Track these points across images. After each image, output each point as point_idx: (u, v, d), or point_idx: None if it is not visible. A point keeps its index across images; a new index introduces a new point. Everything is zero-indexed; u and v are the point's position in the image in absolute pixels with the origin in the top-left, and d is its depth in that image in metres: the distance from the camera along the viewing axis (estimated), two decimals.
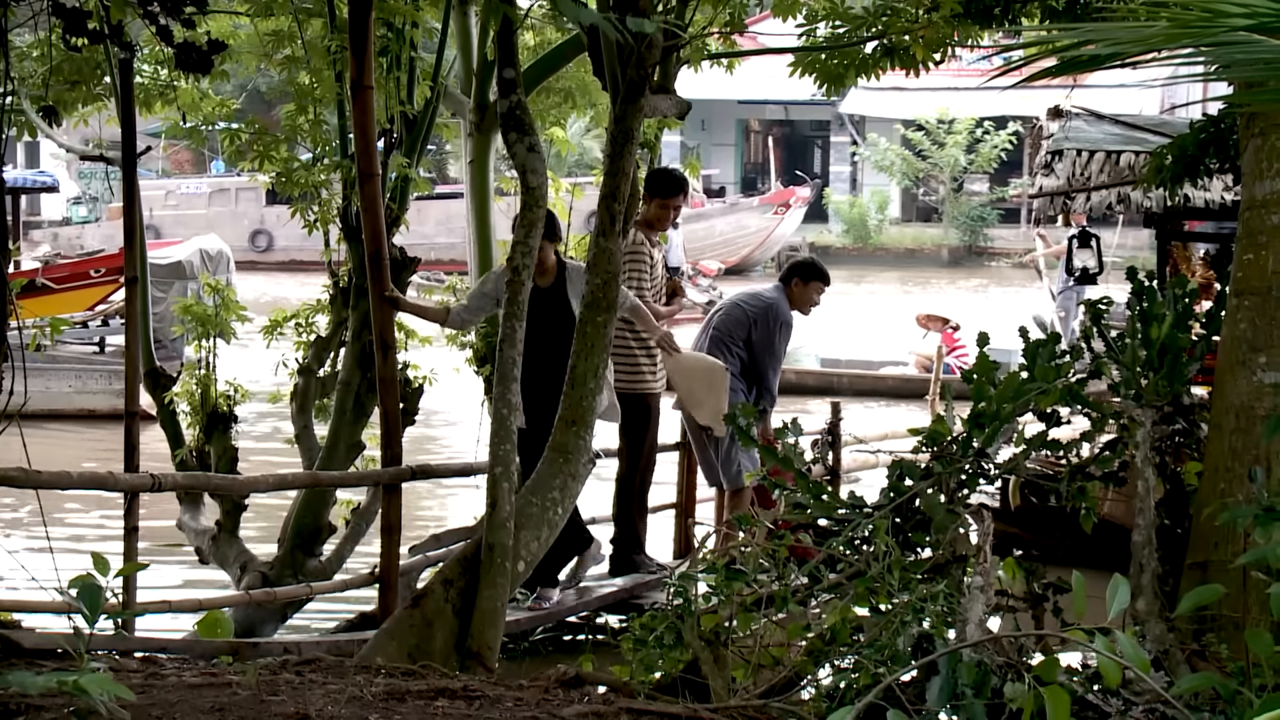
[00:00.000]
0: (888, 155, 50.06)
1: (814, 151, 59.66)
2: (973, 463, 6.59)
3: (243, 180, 46.80)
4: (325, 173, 9.65)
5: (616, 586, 10.07)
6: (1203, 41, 3.53)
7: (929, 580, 6.25)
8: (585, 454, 7.43)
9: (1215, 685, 4.44)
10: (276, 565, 9.46)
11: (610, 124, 7.67)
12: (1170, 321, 6.39)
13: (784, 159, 53.07)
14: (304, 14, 9.85)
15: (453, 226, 41.55)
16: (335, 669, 6.39)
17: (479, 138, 10.68)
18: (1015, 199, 50.56)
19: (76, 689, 3.56)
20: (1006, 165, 49.79)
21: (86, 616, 4.43)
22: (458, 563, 7.18)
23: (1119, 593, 3.89)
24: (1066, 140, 10.97)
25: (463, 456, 11.83)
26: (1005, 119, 48.02)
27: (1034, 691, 5.18)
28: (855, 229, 50.55)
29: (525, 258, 7.35)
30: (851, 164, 54.88)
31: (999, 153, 48.27)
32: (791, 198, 45.94)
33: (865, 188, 53.60)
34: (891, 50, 9.13)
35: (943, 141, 48.59)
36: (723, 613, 6.39)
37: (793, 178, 49.72)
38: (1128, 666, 3.74)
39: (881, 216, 51.20)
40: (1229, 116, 7.43)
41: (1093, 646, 3.82)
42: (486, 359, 10.47)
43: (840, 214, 51.41)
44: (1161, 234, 11.60)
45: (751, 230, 44.57)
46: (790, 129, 59.19)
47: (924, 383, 21.93)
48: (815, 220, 50.41)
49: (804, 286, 10.92)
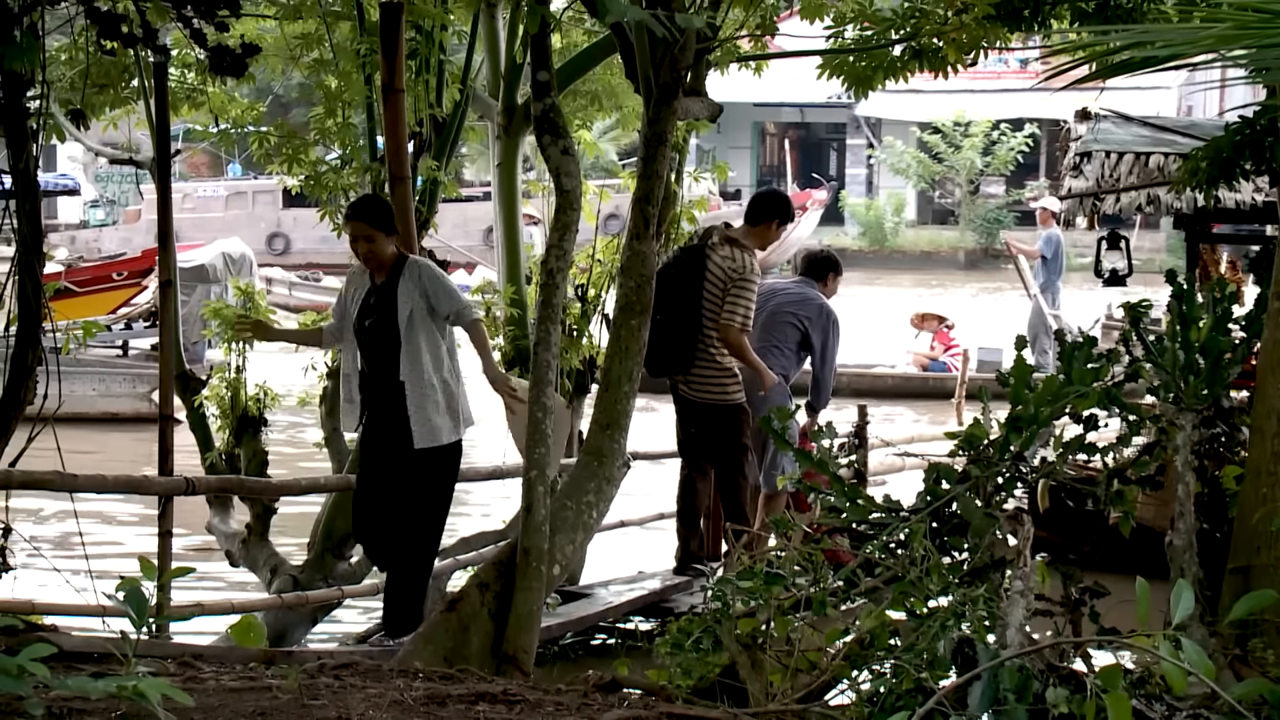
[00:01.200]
0: (904, 158, 50.00)
1: (830, 154, 59.65)
2: (1010, 466, 6.56)
3: (260, 183, 46.90)
4: (355, 175, 9.65)
5: (646, 590, 10.06)
6: (1262, 43, 3.51)
7: (967, 585, 6.23)
8: (619, 457, 7.43)
9: (1266, 692, 4.41)
10: (307, 569, 9.47)
11: (643, 126, 7.67)
12: (1210, 324, 6.36)
13: (800, 162, 53.02)
14: (332, 17, 9.86)
15: (469, 230, 41.63)
16: (374, 673, 6.39)
17: (507, 141, 10.68)
18: (1031, 201, 50.54)
19: (136, 694, 3.57)
20: (1023, 168, 49.74)
21: (134, 620, 4.43)
22: (493, 566, 7.19)
23: (1183, 598, 3.87)
24: (1095, 142, 10.95)
25: (488, 459, 11.81)
26: (1022, 121, 48.00)
27: (1079, 697, 5.20)
28: (871, 232, 50.52)
29: (559, 261, 7.34)
30: (867, 166, 54.88)
31: (1015, 155, 48.21)
32: (808, 200, 45.84)
33: (881, 190, 53.57)
34: (920, 52, 9.11)
35: (959, 144, 48.54)
36: (760, 617, 6.38)
37: (809, 180, 49.66)
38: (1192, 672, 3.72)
39: (898, 219, 51.16)
40: (1265, 118, 7.39)
41: (1158, 653, 3.80)
42: (514, 362, 10.47)
43: (856, 216, 51.38)
44: (1191, 236, 11.57)
45: None
46: (806, 132, 59.18)
47: (923, 382, 21.92)
48: (831, 223, 50.35)
49: (836, 280, 11.18)
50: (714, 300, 10.01)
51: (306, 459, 13.94)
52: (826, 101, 51.73)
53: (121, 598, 4.45)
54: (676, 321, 9.93)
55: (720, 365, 10.08)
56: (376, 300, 8.48)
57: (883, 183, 53.79)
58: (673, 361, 10.07)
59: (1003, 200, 50.12)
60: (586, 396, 10.57)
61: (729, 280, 9.98)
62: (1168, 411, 6.34)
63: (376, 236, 8.36)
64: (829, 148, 59.73)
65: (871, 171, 54.92)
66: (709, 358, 10.07)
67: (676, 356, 10.04)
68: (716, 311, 9.98)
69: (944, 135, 48.52)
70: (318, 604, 9.15)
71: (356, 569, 9.60)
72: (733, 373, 10.12)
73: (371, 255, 8.43)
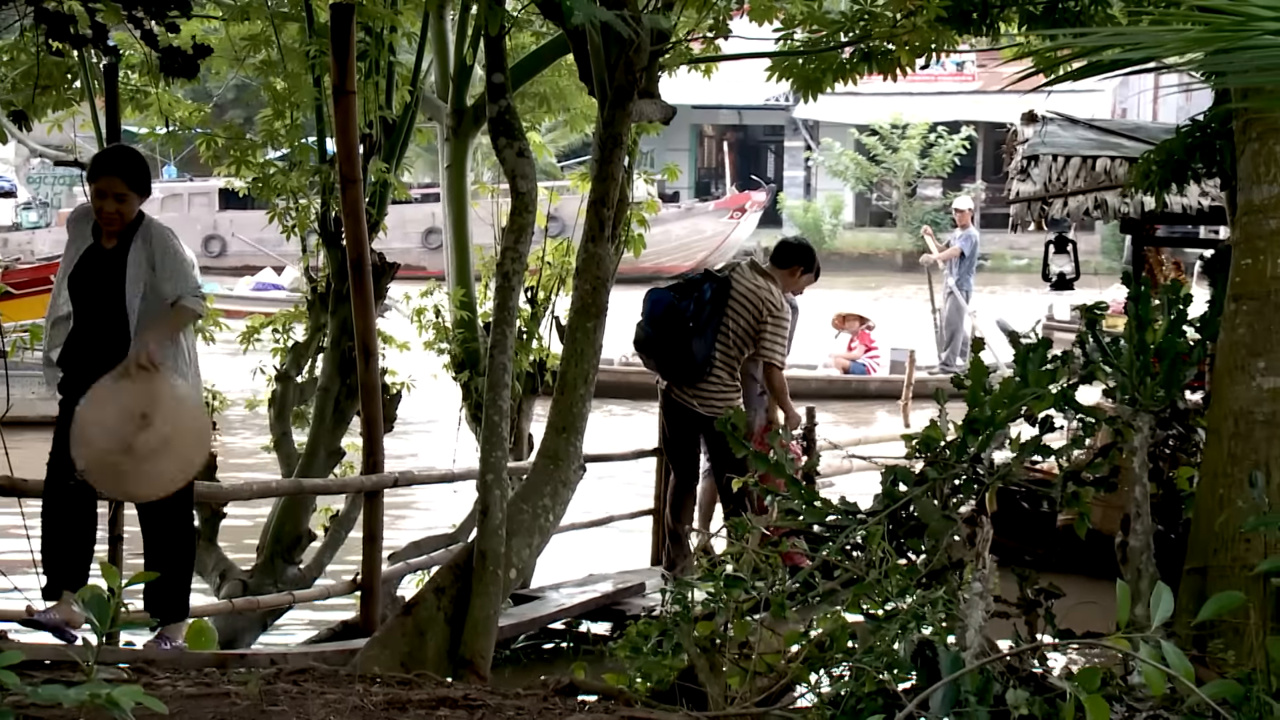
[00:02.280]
0: (841, 160, 50.18)
1: (768, 156, 59.79)
2: (967, 469, 6.58)
3: (195, 185, 46.64)
4: (304, 177, 9.59)
5: (598, 593, 10.04)
6: (1235, 46, 3.53)
7: (926, 587, 6.25)
8: (575, 460, 7.41)
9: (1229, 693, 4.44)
10: (256, 573, 9.40)
11: (598, 129, 7.66)
12: (1165, 327, 6.41)
13: (738, 164, 53.13)
14: (280, 18, 9.81)
15: (408, 231, 41.49)
16: (331, 678, 6.35)
17: (456, 142, 10.65)
18: None
19: (110, 702, 3.53)
20: (960, 170, 50.00)
21: (97, 628, 4.39)
22: (449, 570, 7.15)
23: (1162, 600, 3.89)
24: (1042, 145, 11.00)
25: (436, 463, 11.78)
26: (958, 124, 48.26)
27: (1039, 699, 5.22)
28: (809, 233, 50.51)
29: (515, 263, 7.32)
30: (805, 169, 55.04)
31: (952, 157, 48.46)
32: (747, 202, 46.04)
33: (819, 192, 53.73)
34: (869, 55, 9.14)
35: (896, 146, 48.78)
36: (719, 620, 6.38)
37: (747, 182, 49.79)
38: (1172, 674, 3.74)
39: (835, 221, 51.34)
40: (1215, 122, 7.45)
41: (1137, 655, 3.81)
42: (464, 365, 10.45)
43: (794, 218, 51.50)
44: (1137, 239, 11.66)
45: (707, 234, 44.65)
46: (744, 134, 59.30)
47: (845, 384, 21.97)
48: (769, 225, 50.46)
49: (805, 275, 11.14)
50: (735, 323, 10.33)
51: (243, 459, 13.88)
52: (764, 104, 51.94)
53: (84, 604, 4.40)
54: (699, 336, 10.26)
55: (728, 380, 10.37)
56: (100, 266, 7.49)
57: (820, 185, 53.95)
58: (685, 372, 10.35)
59: (940, 202, 50.29)
60: (536, 399, 10.57)
61: (760, 308, 10.34)
62: (1124, 413, 6.37)
63: (129, 197, 7.47)
64: (767, 150, 59.87)
65: (809, 173, 55.10)
66: (718, 375, 10.34)
67: (691, 368, 10.32)
68: (735, 335, 10.32)
69: (881, 138, 48.74)
70: (268, 609, 9.08)
71: (306, 573, 9.54)
72: (737, 387, 10.41)
73: (117, 216, 7.45)
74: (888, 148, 48.83)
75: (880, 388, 21.73)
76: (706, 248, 44.69)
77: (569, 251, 10.45)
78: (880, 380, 22.02)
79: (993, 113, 50.32)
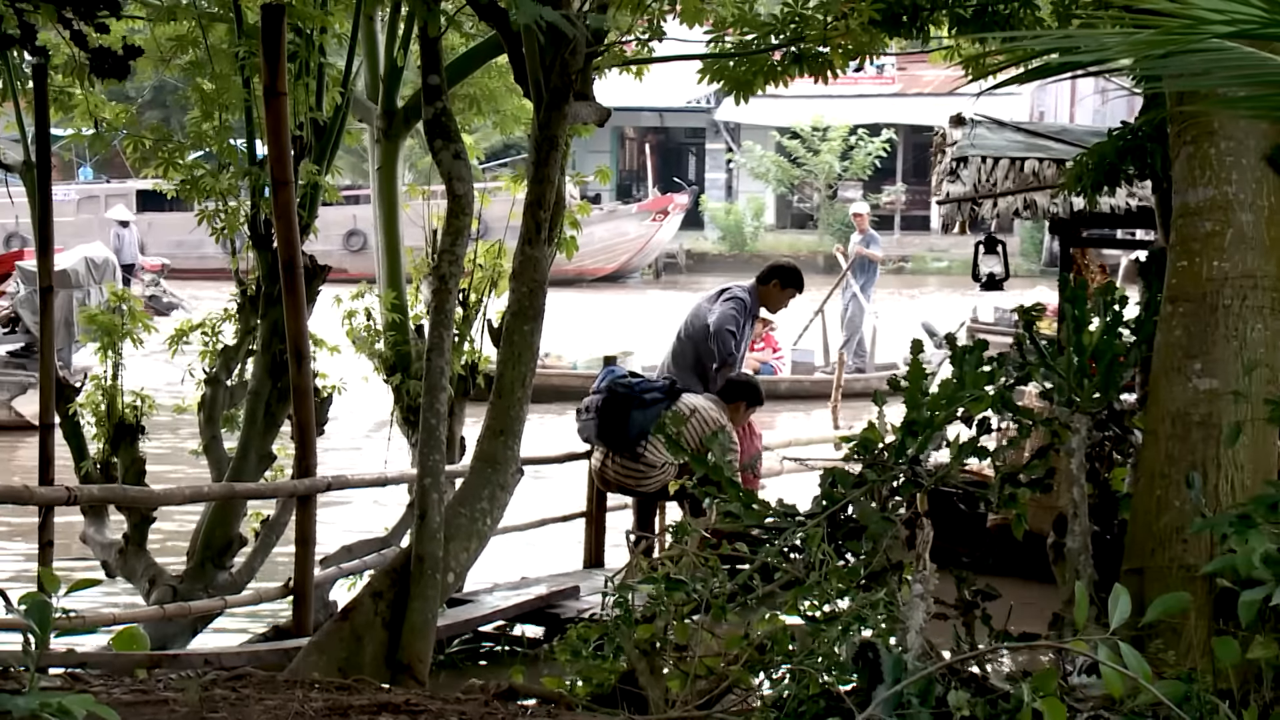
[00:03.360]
0: (763, 162, 50.35)
1: (689, 159, 59.89)
2: (906, 470, 6.60)
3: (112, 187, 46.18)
4: (234, 179, 9.51)
5: (532, 596, 10.01)
6: (1185, 48, 3.56)
7: (866, 588, 6.27)
8: (513, 464, 7.38)
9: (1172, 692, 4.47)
10: (186, 578, 9.30)
11: (533, 131, 7.64)
12: (1101, 328, 6.45)
13: (659, 166, 53.20)
14: (208, 19, 9.72)
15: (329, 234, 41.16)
16: (269, 684, 6.30)
17: (386, 144, 10.60)
18: (889, 206, 51.07)
19: (61, 711, 3.48)
20: (880, 172, 50.29)
21: (36, 635, 4.33)
22: (386, 575, 7.11)
23: (1120, 602, 3.91)
24: (971, 147, 11.08)
25: (362, 466, 11.73)
26: (879, 126, 48.54)
27: (981, 700, 5.25)
28: (731, 236, 50.78)
29: (452, 266, 7.29)
30: (727, 171, 55.18)
31: (873, 160, 48.74)
32: (670, 204, 46.09)
33: (740, 194, 53.87)
34: (801, 57, 9.16)
35: (817, 149, 48.97)
36: (659, 622, 6.37)
37: (669, 185, 49.86)
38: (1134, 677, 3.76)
39: (757, 223, 51.50)
40: (1147, 125, 7.51)
41: (1098, 657, 3.84)
42: (395, 368, 10.40)
43: (716, 221, 51.63)
44: (1065, 240, 11.74)
45: (630, 237, 44.67)
46: (665, 136, 59.36)
47: None
48: (691, 227, 50.61)
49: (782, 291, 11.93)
50: None
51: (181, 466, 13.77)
52: (686, 106, 52.03)
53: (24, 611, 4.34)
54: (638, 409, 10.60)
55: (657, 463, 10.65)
56: None
57: (742, 187, 54.10)
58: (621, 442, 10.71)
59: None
60: (468, 401, 10.53)
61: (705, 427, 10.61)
62: (1062, 415, 6.41)
63: None
64: (688, 152, 59.97)
65: (731, 176, 55.23)
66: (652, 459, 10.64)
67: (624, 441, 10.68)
68: None
69: (802, 140, 48.94)
70: (199, 614, 9.00)
71: (237, 578, 9.46)
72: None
73: None
74: (809, 150, 49.03)
75: (790, 388, 21.99)
76: (630, 250, 44.72)
77: (501, 254, 10.42)
78: (790, 380, 22.28)
79: (913, 115, 50.73)
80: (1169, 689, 4.18)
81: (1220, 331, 5.87)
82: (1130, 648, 3.95)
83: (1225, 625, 5.55)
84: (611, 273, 44.12)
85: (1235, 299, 5.87)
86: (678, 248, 49.65)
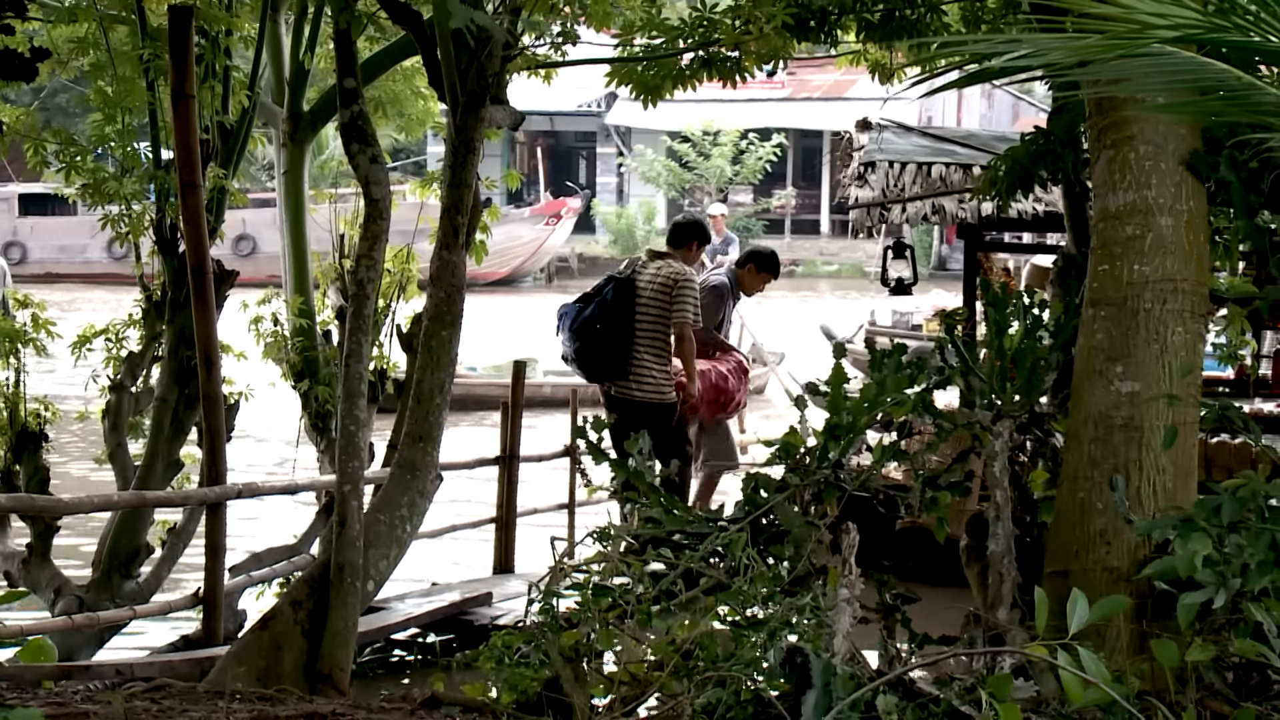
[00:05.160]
0: (654, 166, 50.43)
1: (580, 162, 59.86)
2: (828, 475, 6.61)
3: None
4: (138, 183, 9.37)
5: (445, 602, 9.93)
6: (1132, 53, 3.58)
7: (790, 593, 6.26)
8: (432, 470, 7.33)
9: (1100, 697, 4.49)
10: (93, 588, 9.16)
11: (450, 135, 7.60)
12: (1021, 332, 6.48)
13: (551, 170, 53.13)
14: (109, 21, 9.59)
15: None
16: (190, 695, 6.22)
17: (293, 148, 10.50)
18: (779, 210, 51.33)
19: None
20: (771, 177, 50.49)
21: None
22: (305, 583, 7.04)
23: (1079, 608, 3.92)
24: (879, 152, 11.14)
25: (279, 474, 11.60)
26: (769, 131, 48.73)
27: (910, 705, 5.26)
28: (623, 239, 50.78)
29: (369, 271, 7.23)
30: (618, 175, 55.22)
31: (764, 164, 48.92)
32: (563, 208, 46.05)
33: (632, 198, 53.90)
34: (709, 61, 9.18)
35: (708, 153, 49.09)
36: (584, 629, 6.34)
37: (561, 189, 49.81)
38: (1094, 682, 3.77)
39: (649, 227, 51.47)
40: (1060, 130, 7.58)
41: (1059, 663, 3.85)
42: (303, 374, 10.30)
43: (608, 225, 51.65)
44: (971, 245, 11.82)
45: (524, 240, 44.55)
46: (556, 140, 59.28)
47: None
48: (583, 231, 50.58)
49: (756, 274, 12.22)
50: (648, 310, 10.91)
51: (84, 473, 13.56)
52: (576, 110, 51.99)
53: None
54: (612, 333, 10.81)
55: (654, 368, 10.91)
56: None
57: (633, 191, 54.13)
58: (610, 368, 10.93)
59: (751, 209, 50.79)
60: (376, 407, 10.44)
61: (668, 284, 10.92)
62: (983, 418, 6.44)
63: None
64: (579, 156, 59.94)
65: (622, 180, 55.26)
66: (645, 363, 10.88)
67: (613, 364, 10.90)
68: (652, 320, 10.90)
69: (693, 144, 49.02)
70: (106, 625, 8.85)
71: (144, 587, 9.33)
72: (667, 375, 10.95)
73: None
74: (700, 154, 49.15)
75: None
76: (523, 254, 44.61)
77: (409, 258, 10.36)
78: None
79: (802, 120, 51.00)
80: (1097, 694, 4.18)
81: (1141, 335, 5.91)
82: (1089, 653, 3.96)
83: (1149, 627, 5.60)
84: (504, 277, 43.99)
85: (1156, 303, 5.91)
86: (570, 251, 49.61)
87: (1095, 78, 4.60)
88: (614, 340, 10.82)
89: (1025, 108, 50.84)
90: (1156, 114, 5.73)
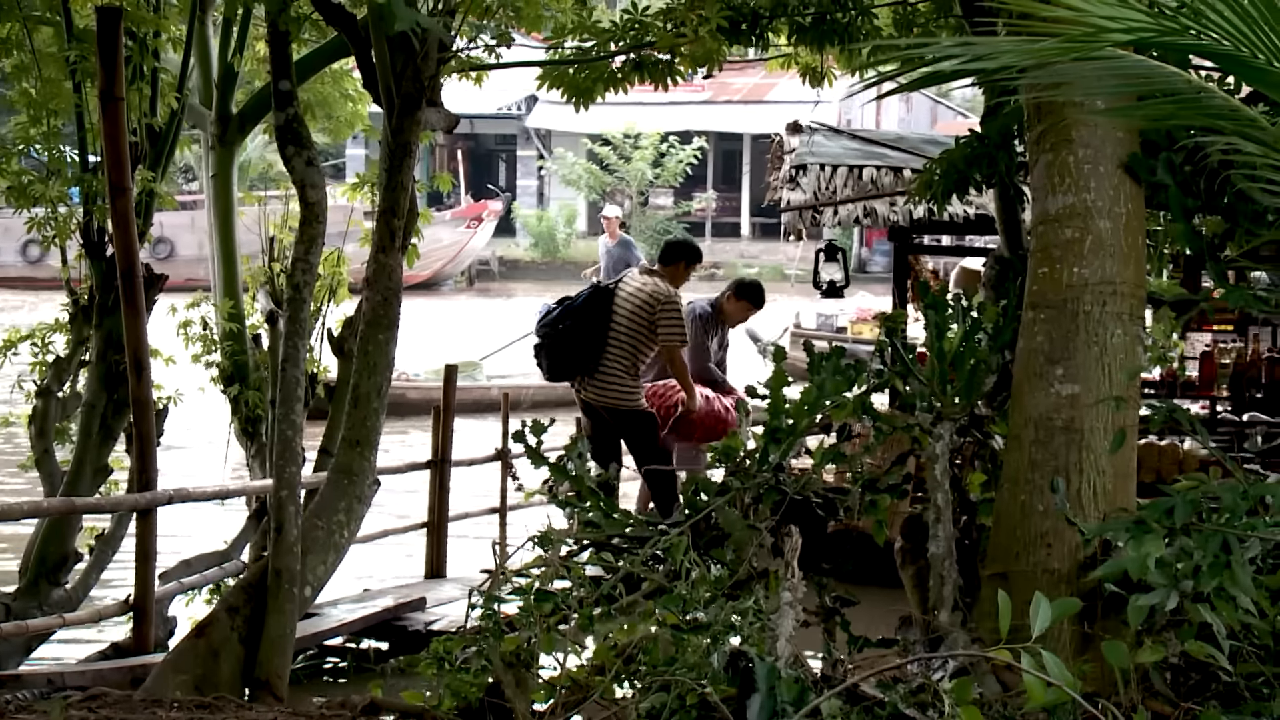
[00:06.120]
0: (575, 169, 50.34)
1: (500, 165, 59.70)
2: (769, 478, 6.61)
3: None
4: (65, 186, 9.26)
5: (379, 608, 9.86)
6: (1086, 56, 3.59)
7: (732, 597, 6.26)
8: (370, 475, 7.28)
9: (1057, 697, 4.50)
10: (20, 596, 9.04)
11: (386, 138, 7.55)
12: (960, 335, 6.50)
13: (471, 173, 52.95)
14: (33, 22, 9.47)
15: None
16: (125, 703, 6.15)
17: (221, 151, 10.41)
18: (700, 213, 51.38)
19: None
20: (691, 179, 50.54)
21: None
22: (242, 590, 6.98)
23: (1041, 610, 3.93)
24: (810, 155, 11.16)
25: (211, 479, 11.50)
26: (690, 134, 48.79)
27: (856, 709, 5.27)
28: (543, 242, 50.71)
29: (306, 275, 7.18)
30: (538, 178, 55.09)
31: (684, 167, 48.97)
32: (484, 211, 45.91)
33: (553, 201, 53.80)
34: (641, 64, 9.18)
35: (629, 156, 49.08)
36: (524, 634, 6.31)
37: (481, 191, 49.66)
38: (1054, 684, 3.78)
39: (569, 230, 51.47)
40: (994, 133, 7.61)
41: (1021, 666, 3.85)
42: (233, 378, 10.21)
43: (528, 227, 51.54)
44: (901, 247, 11.87)
45: (445, 244, 44.35)
46: (475, 143, 59.08)
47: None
48: (503, 234, 50.44)
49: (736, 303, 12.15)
50: (622, 321, 10.83)
51: None
52: (496, 113, 51.83)
53: None
54: (574, 333, 10.78)
55: (623, 376, 10.86)
56: None
57: (554, 194, 54.04)
58: (568, 368, 10.92)
59: (672, 211, 50.81)
60: (307, 412, 10.36)
61: (651, 304, 10.83)
62: (924, 421, 6.45)
63: None
64: (499, 159, 59.75)
65: (542, 183, 55.16)
66: (613, 371, 10.82)
67: (572, 364, 10.88)
68: (625, 331, 10.81)
69: (614, 147, 48.99)
70: (35, 633, 8.74)
71: (72, 595, 9.21)
72: (636, 384, 10.91)
73: None
74: (620, 157, 49.12)
75: None
76: (444, 257, 44.43)
77: (340, 262, 10.29)
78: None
79: (723, 123, 51.07)
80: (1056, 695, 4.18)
81: (1081, 337, 5.94)
82: (1052, 656, 3.96)
83: (1091, 629, 5.63)
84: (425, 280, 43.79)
85: (1095, 305, 5.94)
86: (491, 255, 49.48)
87: (1038, 81, 4.61)
88: (575, 341, 10.79)
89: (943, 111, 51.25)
90: (1095, 118, 5.77)
